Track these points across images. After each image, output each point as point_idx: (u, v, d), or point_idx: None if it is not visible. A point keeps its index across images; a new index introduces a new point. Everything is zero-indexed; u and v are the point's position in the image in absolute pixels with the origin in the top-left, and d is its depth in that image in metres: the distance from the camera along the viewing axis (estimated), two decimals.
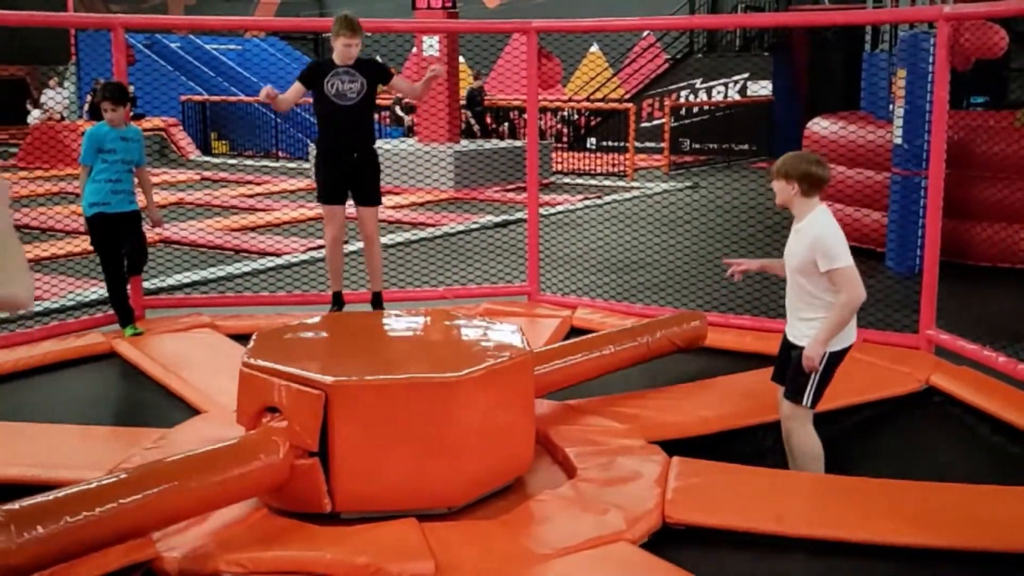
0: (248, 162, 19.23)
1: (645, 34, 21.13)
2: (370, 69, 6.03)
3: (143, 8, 28.24)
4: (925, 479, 4.06)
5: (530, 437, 4.04)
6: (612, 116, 18.62)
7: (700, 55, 20.69)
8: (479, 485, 3.79)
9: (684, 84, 20.50)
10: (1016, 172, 8.25)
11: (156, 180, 12.09)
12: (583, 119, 20.30)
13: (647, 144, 18.86)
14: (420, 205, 12.99)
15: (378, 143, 6.38)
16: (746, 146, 18.85)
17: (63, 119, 19.80)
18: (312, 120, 7.06)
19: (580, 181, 15.77)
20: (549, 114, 19.16)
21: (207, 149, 20.62)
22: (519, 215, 11.10)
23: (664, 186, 14.93)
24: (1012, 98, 11.92)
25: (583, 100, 21.17)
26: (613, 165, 16.78)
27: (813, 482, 3.99)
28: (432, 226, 11.03)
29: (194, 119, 20.92)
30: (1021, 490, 3.91)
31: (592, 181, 15.84)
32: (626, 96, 20.77)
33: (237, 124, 20.67)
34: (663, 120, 18.00)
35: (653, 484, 3.83)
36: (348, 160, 6.06)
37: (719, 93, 20.10)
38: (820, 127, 9.88)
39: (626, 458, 4.09)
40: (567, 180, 15.79)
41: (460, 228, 10.86)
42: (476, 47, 17.15)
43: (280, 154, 19.71)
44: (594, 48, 23.13)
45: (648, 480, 3.87)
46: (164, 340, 6.08)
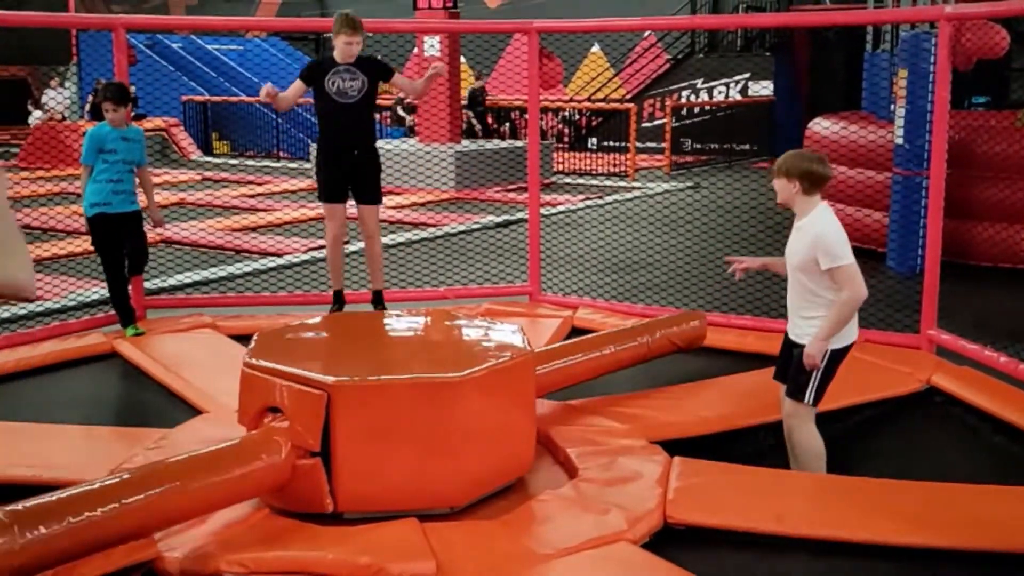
0: (249, 162, 19.24)
1: (646, 34, 21.12)
2: (371, 67, 6.01)
3: (144, 8, 28.27)
4: (926, 479, 4.06)
5: (531, 437, 4.04)
6: (613, 116, 18.62)
7: (701, 55, 20.69)
8: (481, 485, 3.79)
9: (685, 84, 20.50)
10: (1017, 172, 8.24)
11: (157, 180, 12.09)
12: (584, 119, 20.30)
13: (648, 144, 18.86)
14: (421, 205, 12.99)
15: (379, 143, 6.37)
16: (747, 146, 18.85)
17: (64, 119, 19.81)
18: (313, 120, 7.06)
19: (581, 181, 15.77)
20: (550, 114, 19.16)
21: (208, 149, 20.63)
22: (520, 215, 11.10)
23: (665, 186, 14.93)
24: (1013, 98, 11.91)
25: (584, 100, 21.17)
26: (614, 165, 16.78)
27: (814, 482, 3.99)
28: (433, 226, 11.04)
29: (195, 119, 20.93)
30: (1022, 490, 3.91)
31: (593, 181, 15.85)
32: (627, 96, 20.76)
33: (238, 124, 20.69)
34: (664, 120, 18.01)
35: (654, 484, 3.83)
36: (349, 158, 6.03)
37: (720, 93, 20.10)
38: (821, 127, 9.88)
39: (627, 458, 4.09)
40: (568, 180, 15.79)
41: (461, 228, 10.86)
42: (477, 47, 17.13)
43: (281, 154, 19.71)
44: (595, 48, 23.13)
45: (649, 480, 3.87)
46: (165, 340, 6.09)
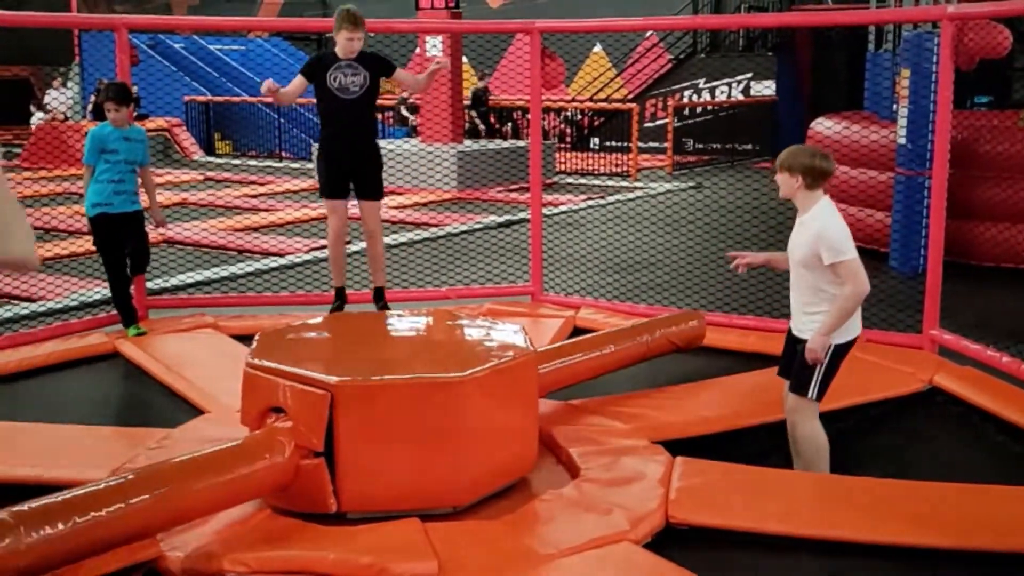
0: (251, 162, 19.25)
1: (648, 34, 21.12)
2: (373, 62, 5.97)
3: (147, 8, 28.29)
4: (928, 479, 4.05)
5: (534, 437, 4.04)
6: (615, 116, 18.61)
7: (703, 55, 20.68)
8: (483, 485, 3.79)
9: (687, 84, 20.49)
10: (1020, 172, 8.24)
11: (159, 180, 12.10)
12: (586, 119, 20.30)
13: (650, 144, 18.85)
14: (423, 205, 12.99)
15: (381, 143, 6.36)
16: (749, 146, 18.84)
17: (67, 119, 19.83)
18: (315, 120, 7.05)
19: (583, 181, 15.77)
20: (552, 114, 19.16)
21: (210, 149, 20.64)
22: (522, 215, 11.09)
23: (667, 186, 14.93)
24: (1016, 98, 11.91)
25: (586, 100, 21.16)
26: (616, 165, 16.78)
27: (817, 482, 3.99)
28: (435, 226, 11.04)
29: (197, 119, 20.94)
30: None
31: (595, 181, 15.85)
32: (629, 96, 20.76)
33: (240, 124, 20.70)
34: (666, 120, 18.00)
35: (656, 484, 3.83)
36: (350, 154, 6.00)
37: (722, 93, 20.09)
38: (824, 127, 9.88)
39: (629, 458, 4.09)
40: (570, 180, 15.79)
41: (463, 228, 10.86)
42: (479, 47, 17.12)
43: (283, 154, 19.72)
44: (597, 48, 23.14)
45: (651, 480, 3.87)
46: (167, 340, 6.09)
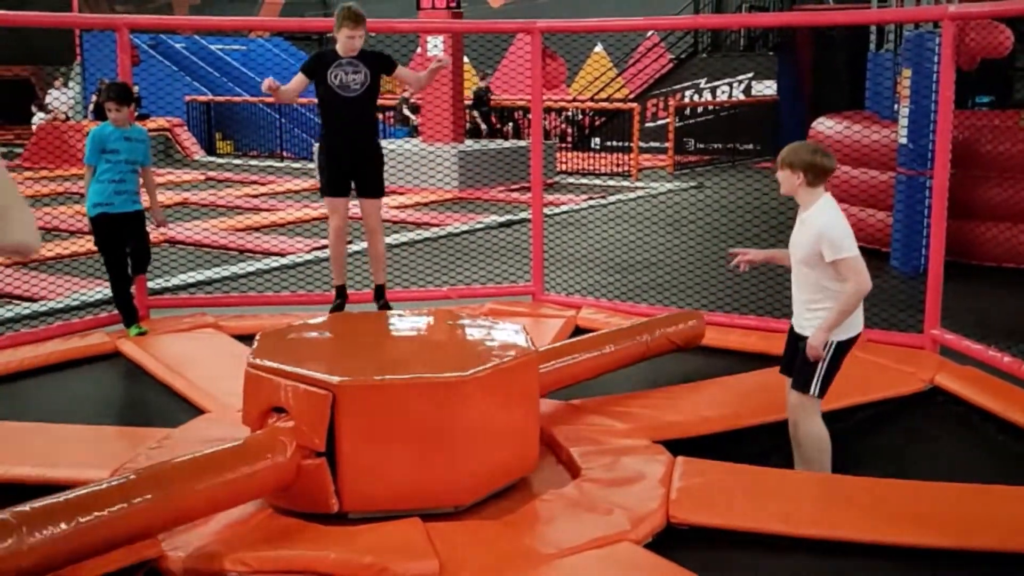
0: (252, 162, 19.25)
1: (649, 34, 21.12)
2: (374, 60, 5.94)
3: (148, 8, 28.31)
4: (929, 479, 4.05)
5: (535, 437, 4.04)
6: (616, 116, 18.61)
7: (704, 55, 20.68)
8: (485, 485, 3.79)
9: (688, 84, 20.49)
10: (1021, 172, 8.24)
11: (160, 180, 12.10)
12: (587, 119, 20.29)
13: (651, 144, 18.85)
14: (424, 205, 12.99)
15: (382, 143, 6.35)
16: (750, 146, 18.84)
17: (68, 119, 19.83)
18: (316, 120, 7.06)
19: (584, 181, 15.77)
20: (553, 114, 19.15)
21: (211, 149, 20.65)
22: (523, 215, 11.08)
23: (668, 186, 14.93)
24: (1017, 97, 11.90)
25: (587, 100, 21.16)
26: (617, 165, 16.77)
27: (818, 482, 3.99)
28: (436, 226, 11.04)
29: (198, 119, 20.95)
30: None
31: (596, 181, 15.84)
32: (630, 96, 20.76)
33: (241, 124, 20.70)
34: (667, 120, 18.00)
35: (657, 484, 3.83)
36: (351, 152, 5.99)
37: (723, 93, 20.09)
38: (825, 127, 9.88)
39: (630, 458, 4.09)
40: (571, 180, 15.78)
41: (464, 228, 10.86)
42: (480, 47, 17.12)
43: (284, 154, 19.72)
44: (598, 48, 23.13)
45: (652, 480, 3.87)
46: (168, 340, 6.09)
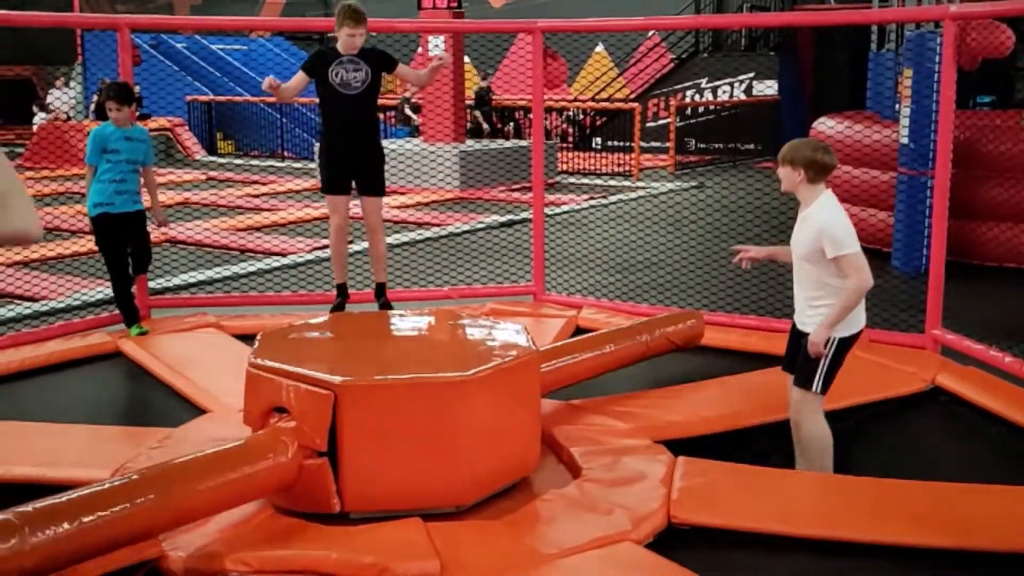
0: (254, 162, 19.25)
1: (650, 34, 21.11)
2: (375, 58, 5.93)
3: (149, 8, 28.31)
4: (930, 479, 4.05)
5: (536, 437, 4.04)
6: (617, 116, 18.60)
7: (705, 55, 20.67)
8: (486, 484, 3.80)
9: (689, 84, 20.48)
10: (1022, 171, 8.23)
11: (161, 180, 12.11)
12: (588, 119, 20.29)
13: (652, 144, 18.84)
14: (425, 205, 12.99)
15: (384, 143, 6.35)
16: (752, 146, 18.83)
17: (69, 119, 19.84)
18: (318, 120, 7.05)
19: (585, 181, 15.76)
20: (554, 114, 19.15)
21: (213, 149, 20.65)
22: (524, 215, 11.08)
23: (669, 186, 14.92)
24: (1018, 97, 11.92)
25: (588, 100, 21.16)
26: (618, 165, 16.77)
27: (818, 482, 3.99)
28: (437, 226, 11.03)
29: (200, 119, 20.95)
30: None
31: (597, 181, 15.84)
32: (631, 96, 20.76)
33: (243, 124, 20.70)
34: (668, 120, 17.99)
35: (658, 484, 3.83)
36: (352, 150, 5.98)
37: (724, 93, 20.09)
38: (826, 127, 9.87)
39: (631, 458, 4.09)
40: (572, 180, 15.78)
41: (465, 228, 10.86)
42: (481, 47, 17.13)
43: (286, 154, 19.72)
44: (599, 48, 23.12)
45: (653, 480, 3.87)
46: (169, 340, 6.09)
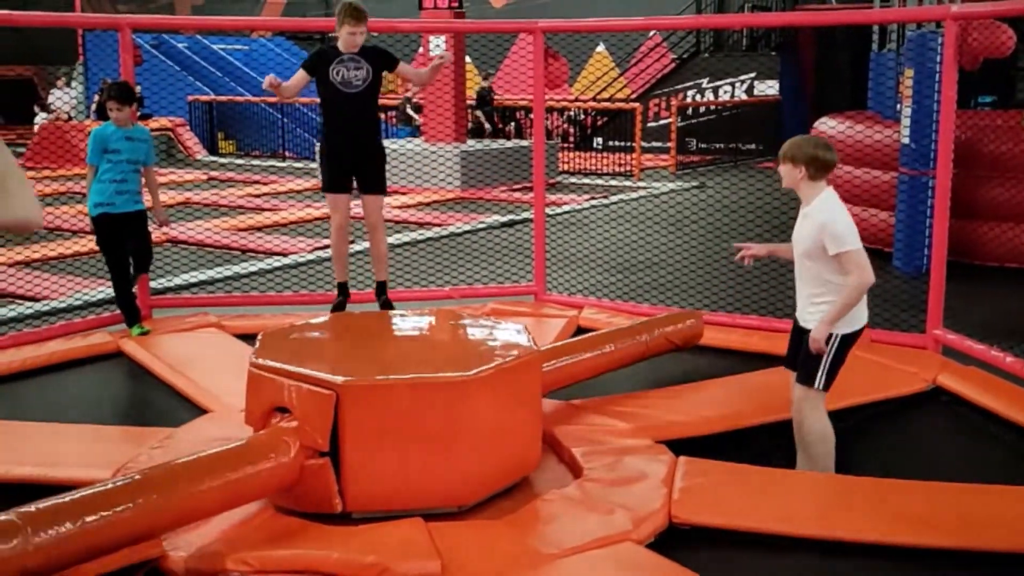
0: (255, 162, 19.25)
1: (651, 34, 21.11)
2: (376, 56, 5.92)
3: (150, 8, 28.32)
4: (930, 479, 4.05)
5: (537, 437, 4.05)
6: (618, 116, 18.60)
7: (707, 55, 20.67)
8: (487, 484, 3.80)
9: (691, 84, 20.48)
10: (1023, 171, 8.22)
11: (163, 180, 12.12)
12: (589, 119, 20.28)
13: (653, 144, 18.84)
14: (426, 205, 12.99)
15: (385, 143, 6.35)
16: (753, 146, 18.83)
17: (70, 119, 19.84)
18: (319, 120, 7.06)
19: (586, 181, 15.76)
20: (555, 114, 19.15)
21: (214, 149, 20.65)
22: (525, 215, 11.09)
23: (671, 186, 14.92)
24: (1020, 97, 11.91)
25: (589, 100, 21.16)
26: (619, 165, 16.77)
27: (819, 482, 3.99)
28: (438, 226, 11.03)
29: (201, 119, 20.95)
30: None
31: (598, 181, 15.84)
32: (632, 96, 20.76)
33: (244, 124, 20.70)
34: (670, 120, 17.99)
35: (660, 484, 3.83)
36: (353, 148, 5.97)
37: (726, 93, 20.08)
38: (827, 126, 9.87)
39: (632, 458, 4.09)
40: (573, 180, 15.77)
41: (466, 228, 10.86)
42: (482, 47, 17.14)
43: (287, 154, 19.73)
44: (600, 48, 23.12)
45: (655, 480, 3.87)
46: (170, 340, 6.09)
